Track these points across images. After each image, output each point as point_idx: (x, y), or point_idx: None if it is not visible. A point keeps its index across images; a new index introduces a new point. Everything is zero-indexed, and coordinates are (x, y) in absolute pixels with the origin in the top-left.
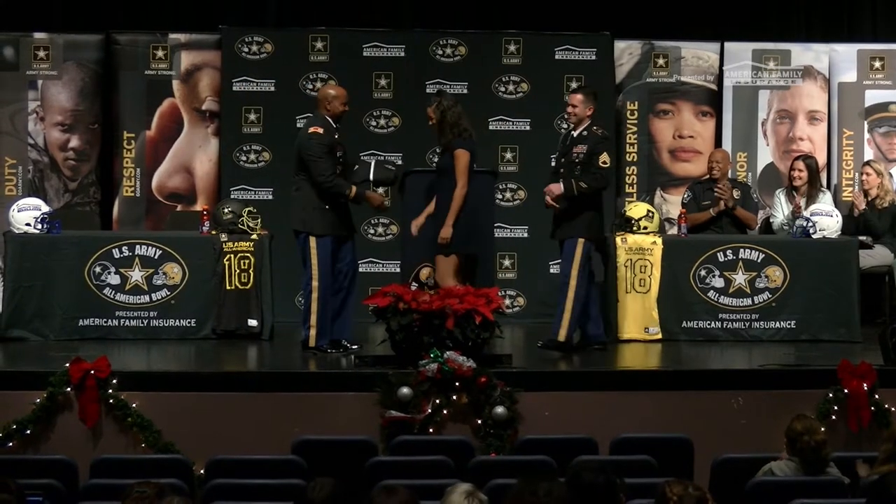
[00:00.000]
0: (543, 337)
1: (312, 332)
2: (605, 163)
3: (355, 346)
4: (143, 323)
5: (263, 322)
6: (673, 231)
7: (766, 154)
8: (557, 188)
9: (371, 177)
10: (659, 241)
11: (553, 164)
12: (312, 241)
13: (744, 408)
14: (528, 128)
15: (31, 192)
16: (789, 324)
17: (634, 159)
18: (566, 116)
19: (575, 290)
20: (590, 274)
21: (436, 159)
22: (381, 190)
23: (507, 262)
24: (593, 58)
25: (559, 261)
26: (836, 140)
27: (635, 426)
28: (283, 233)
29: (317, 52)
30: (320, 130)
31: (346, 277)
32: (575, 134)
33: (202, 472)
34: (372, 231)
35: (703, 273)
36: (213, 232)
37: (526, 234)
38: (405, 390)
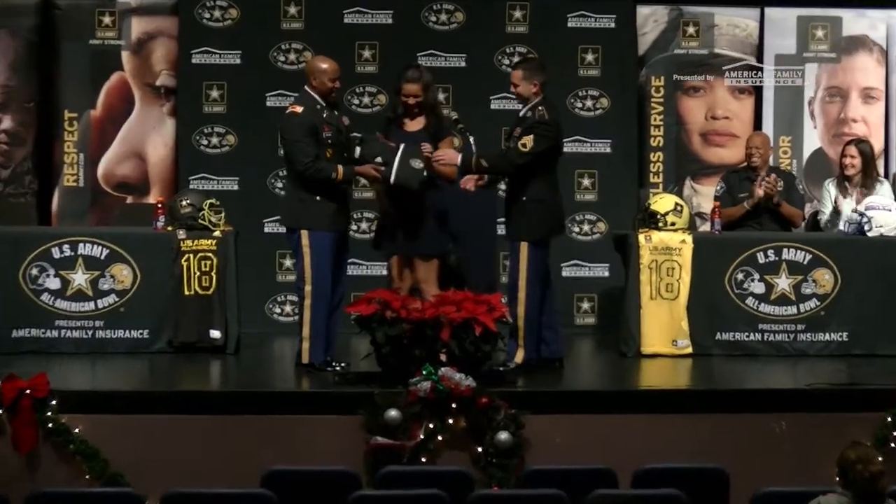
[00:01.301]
0: (503, 361)
1: (305, 345)
2: (524, 145)
3: (343, 364)
4: (87, 334)
5: (228, 333)
6: (705, 227)
7: (813, 138)
8: (453, 156)
9: (393, 177)
10: (689, 239)
11: None
12: (305, 236)
13: (787, 433)
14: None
15: None
16: (840, 336)
17: (660, 144)
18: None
19: (526, 304)
20: (544, 279)
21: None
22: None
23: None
24: (612, 25)
25: (573, 261)
26: (894, 122)
27: (661, 455)
28: (250, 229)
29: (290, 19)
30: (298, 110)
31: (339, 283)
32: (520, 114)
33: None
34: (354, 227)
35: (740, 277)
36: (170, 228)
37: None
38: (393, 413)
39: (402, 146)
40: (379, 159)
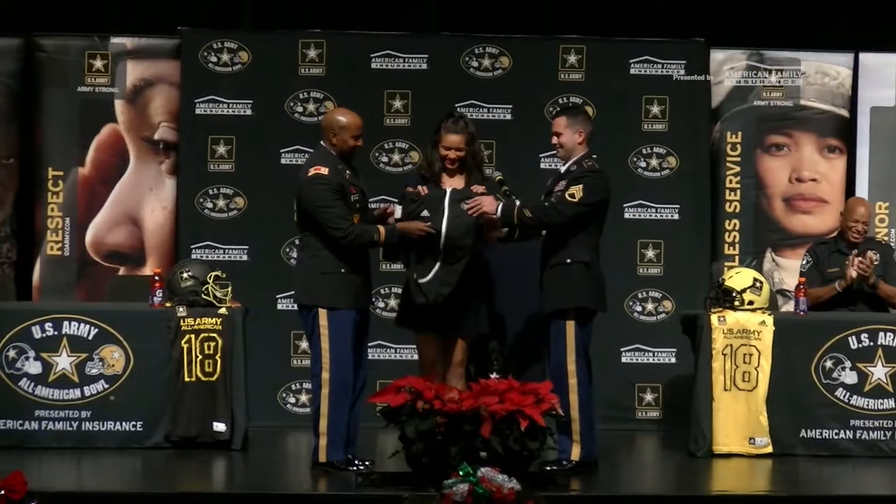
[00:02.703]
0: (557, 459)
1: (322, 441)
2: (572, 196)
3: (367, 463)
4: (72, 426)
5: (234, 426)
6: (788, 307)
7: None
8: (490, 204)
9: (444, 227)
10: (769, 320)
11: None
12: (323, 316)
13: None
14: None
15: None
16: None
17: (736, 210)
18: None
19: (579, 391)
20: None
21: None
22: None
23: None
24: (682, 73)
25: (634, 345)
26: None
27: None
28: (261, 306)
29: (309, 63)
30: (323, 171)
31: (360, 369)
32: (562, 170)
33: None
34: (381, 304)
35: (829, 365)
36: (168, 304)
37: None
38: None
39: (448, 191)
40: (426, 213)
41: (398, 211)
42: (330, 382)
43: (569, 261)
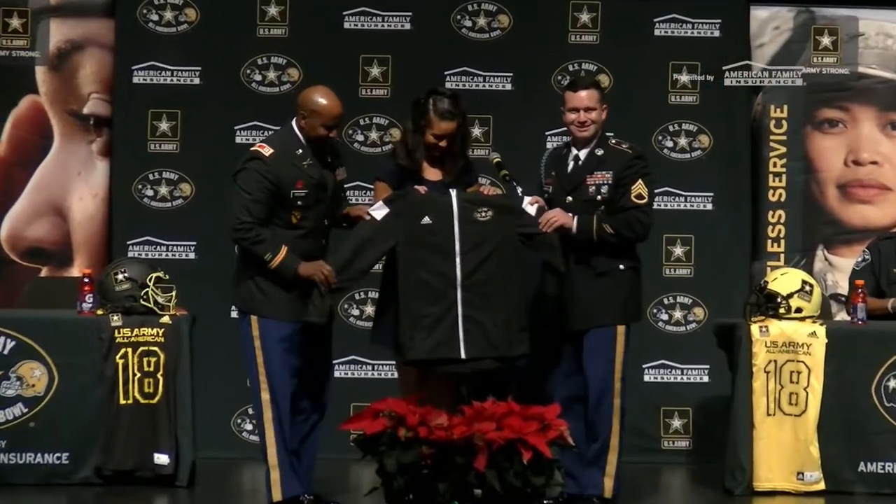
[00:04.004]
0: (583, 496)
1: (274, 475)
2: (640, 196)
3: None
4: None
5: (179, 458)
6: (844, 315)
7: None
8: (566, 218)
9: (457, 242)
10: (821, 331)
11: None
12: (255, 325)
13: None
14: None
15: None
16: None
17: (781, 198)
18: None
19: (621, 413)
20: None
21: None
22: None
23: None
24: (716, 34)
25: (659, 361)
26: None
27: None
28: (211, 313)
29: (269, 23)
30: (266, 151)
31: (316, 394)
32: (582, 155)
33: None
34: (356, 312)
35: (892, 384)
36: (100, 311)
37: None
38: None
39: (454, 195)
40: (427, 220)
41: (379, 212)
42: (272, 404)
43: (622, 267)
